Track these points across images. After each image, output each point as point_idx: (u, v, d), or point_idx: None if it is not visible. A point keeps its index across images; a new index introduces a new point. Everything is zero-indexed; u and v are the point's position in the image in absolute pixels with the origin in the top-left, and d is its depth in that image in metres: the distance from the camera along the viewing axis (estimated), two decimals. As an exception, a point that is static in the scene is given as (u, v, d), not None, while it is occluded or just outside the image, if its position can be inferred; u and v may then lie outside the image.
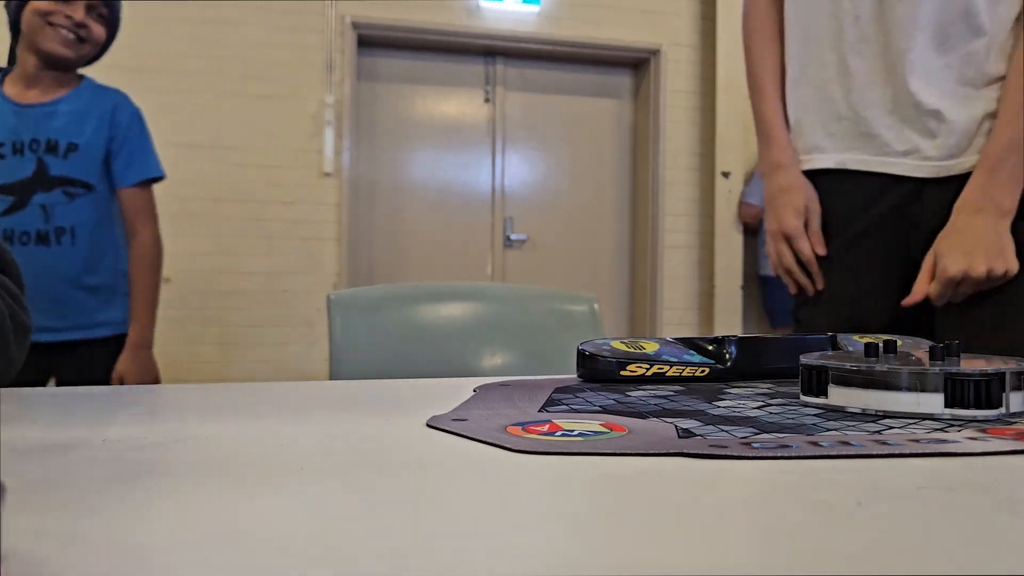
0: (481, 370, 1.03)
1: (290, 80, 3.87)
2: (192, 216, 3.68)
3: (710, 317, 4.22)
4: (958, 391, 0.41)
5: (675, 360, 0.58)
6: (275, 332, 3.88)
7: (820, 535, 0.23)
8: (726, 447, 0.34)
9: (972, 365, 0.42)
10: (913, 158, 1.01)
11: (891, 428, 0.39)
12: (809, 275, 1.07)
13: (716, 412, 0.44)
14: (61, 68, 1.59)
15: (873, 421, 0.41)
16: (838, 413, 0.43)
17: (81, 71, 1.68)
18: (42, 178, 1.52)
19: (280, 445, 0.36)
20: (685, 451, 0.34)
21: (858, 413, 0.43)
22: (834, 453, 0.33)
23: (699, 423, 0.40)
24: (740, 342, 0.59)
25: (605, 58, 4.30)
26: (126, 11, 1.96)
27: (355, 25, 3.93)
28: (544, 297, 1.12)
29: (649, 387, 0.54)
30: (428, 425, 0.40)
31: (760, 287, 4.28)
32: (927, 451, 0.34)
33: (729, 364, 0.59)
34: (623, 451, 0.34)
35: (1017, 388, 0.42)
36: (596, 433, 0.37)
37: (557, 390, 0.52)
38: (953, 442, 0.35)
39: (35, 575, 0.20)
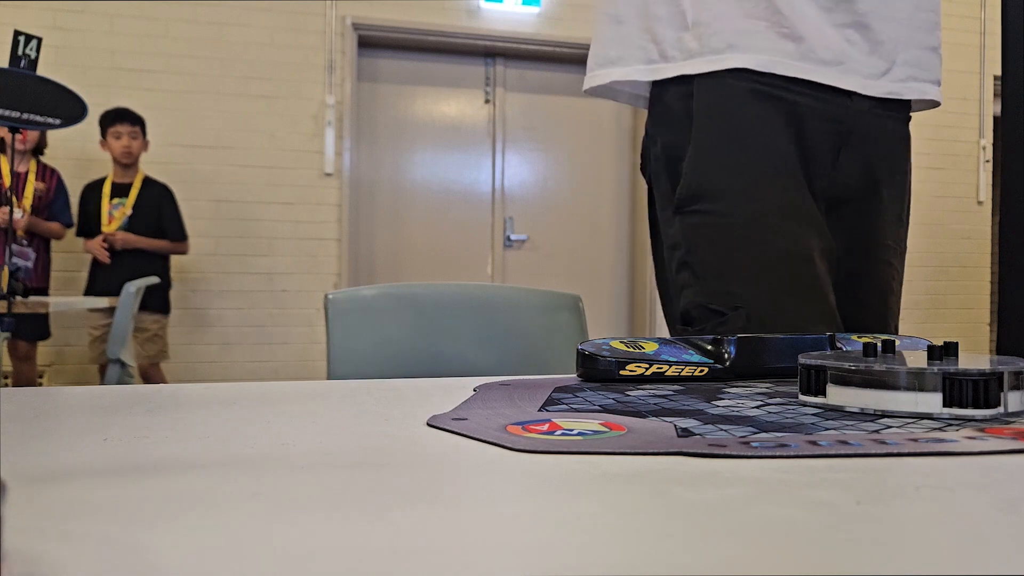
0: (472, 369, 1.04)
1: (291, 81, 3.87)
2: (193, 216, 3.68)
3: (710, 317, 4.22)
4: (956, 390, 0.41)
5: (674, 360, 0.58)
6: (275, 332, 3.88)
7: (819, 535, 0.24)
8: (725, 446, 0.34)
9: (970, 364, 0.42)
10: (841, 69, 0.90)
11: (890, 427, 0.39)
12: None
13: (715, 411, 0.44)
14: None
15: (871, 420, 0.41)
16: (837, 412, 0.43)
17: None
18: None
19: (280, 445, 0.36)
20: (684, 450, 0.34)
21: (857, 412, 0.43)
22: (833, 452, 0.34)
23: (698, 422, 0.40)
24: (739, 342, 0.59)
25: (605, 58, 4.30)
26: (128, 11, 1.97)
27: (356, 26, 3.93)
28: (530, 295, 1.12)
29: (648, 386, 0.54)
30: (428, 424, 0.40)
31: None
32: (925, 450, 0.34)
33: (728, 363, 0.59)
34: (622, 450, 0.34)
35: (1015, 387, 0.42)
36: (595, 432, 0.37)
37: (557, 389, 0.53)
38: (951, 441, 0.35)
39: (35, 575, 0.20)
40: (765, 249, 0.86)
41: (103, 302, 2.97)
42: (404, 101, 4.16)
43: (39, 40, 2.63)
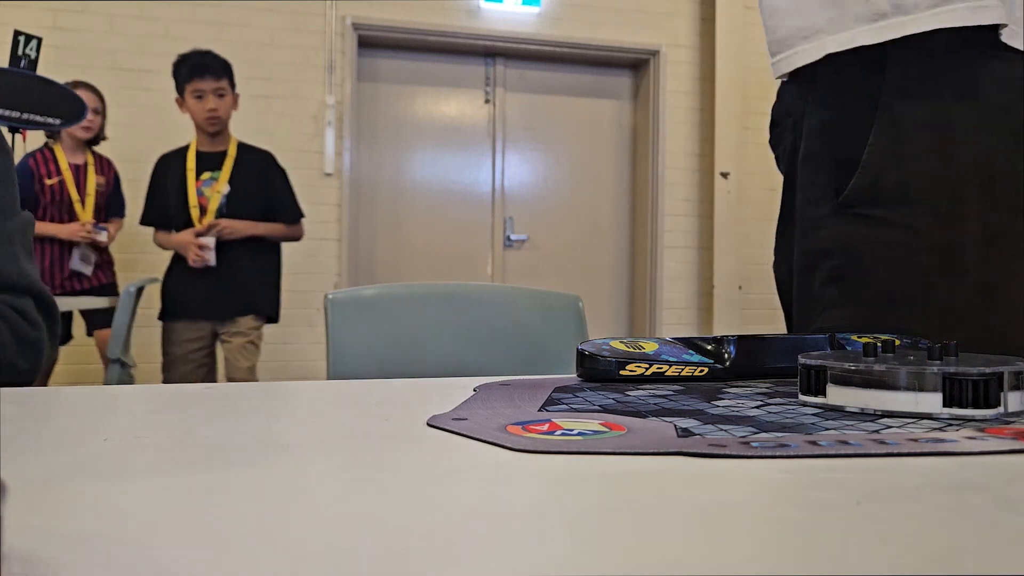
0: (472, 369, 1.04)
1: (291, 81, 3.87)
2: (192, 216, 3.67)
3: (709, 317, 4.22)
4: (956, 391, 0.41)
5: (674, 360, 0.58)
6: (275, 332, 3.88)
7: (819, 534, 0.24)
8: (725, 446, 0.34)
9: (970, 364, 0.42)
10: None
11: (890, 427, 0.39)
12: None
13: (715, 411, 0.44)
14: None
15: (872, 420, 0.41)
16: (837, 412, 0.43)
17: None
18: None
19: (281, 444, 0.36)
20: (684, 450, 0.34)
21: (857, 412, 0.43)
22: (833, 452, 0.34)
23: (698, 422, 0.40)
24: (739, 341, 0.59)
25: (605, 59, 4.30)
26: (128, 11, 1.97)
27: (356, 26, 3.93)
28: (530, 296, 1.13)
29: (648, 387, 0.54)
30: (428, 424, 0.40)
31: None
32: (925, 450, 0.34)
33: (728, 363, 0.59)
34: (622, 450, 0.34)
35: (1015, 388, 0.42)
36: (596, 432, 0.37)
37: (557, 389, 0.53)
38: (951, 441, 0.35)
39: (35, 575, 0.20)
40: (955, 283, 0.68)
41: (103, 302, 2.96)
42: (404, 101, 4.16)
43: (39, 40, 2.63)
